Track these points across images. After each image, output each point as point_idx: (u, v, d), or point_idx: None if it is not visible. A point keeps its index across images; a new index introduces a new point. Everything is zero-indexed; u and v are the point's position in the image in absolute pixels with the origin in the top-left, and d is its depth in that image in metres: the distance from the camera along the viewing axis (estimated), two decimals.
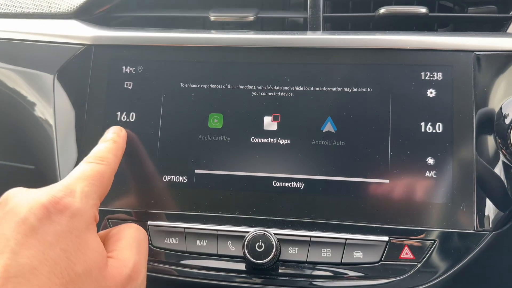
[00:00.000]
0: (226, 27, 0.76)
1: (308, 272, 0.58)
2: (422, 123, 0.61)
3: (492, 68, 0.61)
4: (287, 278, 0.58)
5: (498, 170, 0.59)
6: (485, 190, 0.58)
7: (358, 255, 0.58)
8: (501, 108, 0.60)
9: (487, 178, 0.59)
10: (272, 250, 0.55)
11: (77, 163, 0.65)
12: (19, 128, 0.76)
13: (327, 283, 0.58)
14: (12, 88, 0.73)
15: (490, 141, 0.60)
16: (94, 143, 0.65)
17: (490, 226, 0.58)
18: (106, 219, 0.64)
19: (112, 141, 0.59)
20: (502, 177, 0.59)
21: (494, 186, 0.59)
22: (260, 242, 0.56)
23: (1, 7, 0.76)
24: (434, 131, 0.60)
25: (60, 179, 0.66)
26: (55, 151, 0.67)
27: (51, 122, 0.68)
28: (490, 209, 0.58)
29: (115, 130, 0.62)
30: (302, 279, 0.58)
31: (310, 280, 0.58)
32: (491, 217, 0.58)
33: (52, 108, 0.68)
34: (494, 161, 0.60)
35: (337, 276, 0.57)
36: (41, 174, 0.73)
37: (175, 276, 0.59)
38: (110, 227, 0.63)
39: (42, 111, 0.70)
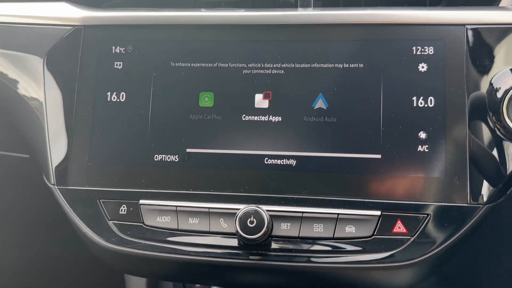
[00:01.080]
0: (217, 6, 0.75)
1: (300, 247, 0.58)
2: (414, 98, 0.60)
3: (484, 42, 0.61)
4: (280, 253, 0.58)
5: (491, 143, 0.59)
6: (478, 164, 0.58)
7: (350, 230, 0.58)
8: (493, 82, 0.60)
9: (480, 152, 0.58)
10: (263, 226, 0.55)
11: (69, 146, 0.65)
12: (11, 114, 0.76)
13: (320, 257, 0.57)
14: (1, 72, 0.72)
15: (483, 115, 0.59)
16: (84, 124, 0.65)
17: (484, 199, 0.57)
18: (98, 200, 0.63)
19: None
20: (495, 150, 0.59)
21: (487, 159, 0.59)
22: (252, 218, 0.55)
23: None
24: (426, 105, 0.60)
25: (52, 163, 0.65)
26: (45, 133, 0.66)
27: (42, 104, 0.68)
28: (483, 182, 0.58)
29: None
30: (294, 254, 0.57)
31: (303, 254, 0.57)
32: (485, 191, 0.58)
33: (42, 91, 0.68)
34: (487, 134, 0.59)
35: (330, 251, 0.57)
36: (35, 162, 0.73)
37: (167, 254, 0.59)
38: (103, 209, 0.63)
39: (32, 94, 0.69)
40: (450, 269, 0.76)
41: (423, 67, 0.61)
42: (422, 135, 0.59)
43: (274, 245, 0.58)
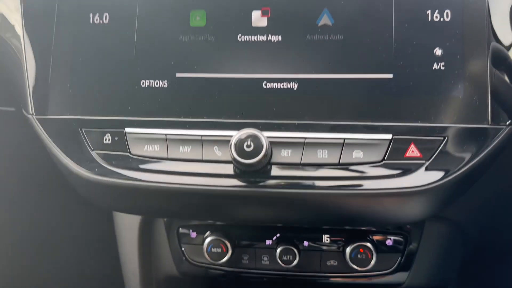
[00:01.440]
0: None
1: (302, 173, 0.52)
2: (429, 11, 0.54)
3: None
4: (280, 181, 0.52)
5: None
6: (500, 81, 0.52)
7: (358, 155, 0.52)
8: None
9: (502, 68, 0.52)
10: (262, 150, 0.49)
11: (48, 72, 0.59)
12: None
13: (324, 184, 0.52)
14: None
15: (505, 29, 0.53)
16: (65, 48, 0.59)
17: (507, 120, 0.52)
18: (80, 129, 0.57)
19: None
20: None
21: (510, 77, 0.52)
22: (249, 142, 0.50)
23: None
24: (442, 19, 0.54)
25: (30, 91, 0.60)
26: (23, 59, 0.60)
27: (19, 28, 0.62)
28: (506, 101, 0.52)
29: None
30: (296, 181, 0.52)
31: (305, 181, 0.52)
32: (507, 110, 0.52)
33: (20, 14, 0.62)
34: (509, 50, 0.53)
35: (335, 177, 0.52)
36: (20, 114, 0.67)
37: (156, 183, 0.53)
38: (85, 138, 0.57)
39: (8, 17, 0.63)
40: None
41: None
42: (438, 51, 0.53)
43: (273, 172, 0.53)
